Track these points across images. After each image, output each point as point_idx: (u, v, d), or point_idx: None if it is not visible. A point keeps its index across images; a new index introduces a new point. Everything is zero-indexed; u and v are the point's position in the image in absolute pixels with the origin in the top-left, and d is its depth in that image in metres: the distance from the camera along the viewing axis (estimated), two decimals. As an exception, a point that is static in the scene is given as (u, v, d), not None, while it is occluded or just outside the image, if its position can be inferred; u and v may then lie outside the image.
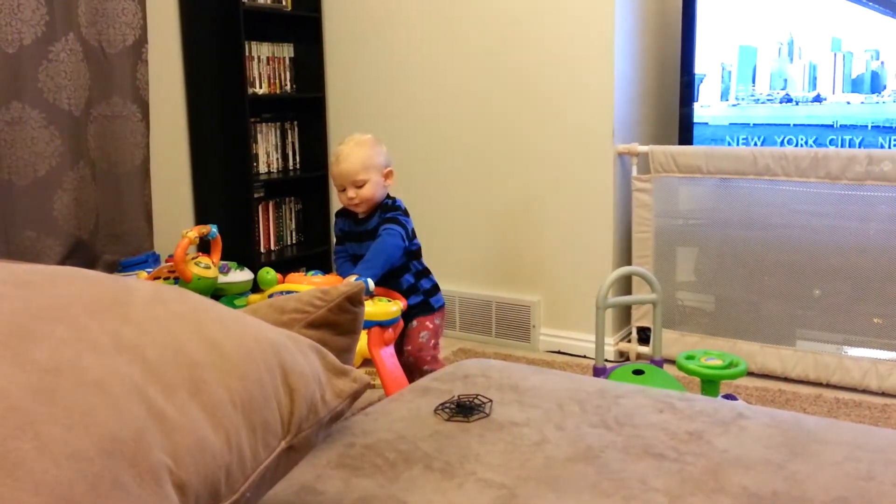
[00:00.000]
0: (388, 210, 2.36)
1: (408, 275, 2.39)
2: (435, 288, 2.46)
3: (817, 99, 2.78)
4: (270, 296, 2.25)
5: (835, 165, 2.69)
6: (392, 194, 2.43)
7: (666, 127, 3.32)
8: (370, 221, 2.37)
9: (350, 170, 2.32)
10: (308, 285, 2.25)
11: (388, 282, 2.35)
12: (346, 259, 2.46)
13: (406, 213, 2.38)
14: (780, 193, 2.81)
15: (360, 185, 2.32)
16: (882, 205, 2.66)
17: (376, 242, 2.29)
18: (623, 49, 3.01)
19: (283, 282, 2.38)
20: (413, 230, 2.40)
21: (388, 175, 2.37)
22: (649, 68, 3.25)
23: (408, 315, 2.40)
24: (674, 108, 3.16)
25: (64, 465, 0.61)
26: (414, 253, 2.41)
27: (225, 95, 3.36)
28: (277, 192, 3.71)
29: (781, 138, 2.87)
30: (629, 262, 3.10)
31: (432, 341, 2.40)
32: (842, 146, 2.80)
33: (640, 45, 3.17)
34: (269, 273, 2.57)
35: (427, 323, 2.40)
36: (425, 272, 2.45)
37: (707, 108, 2.97)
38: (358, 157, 2.32)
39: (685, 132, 3.08)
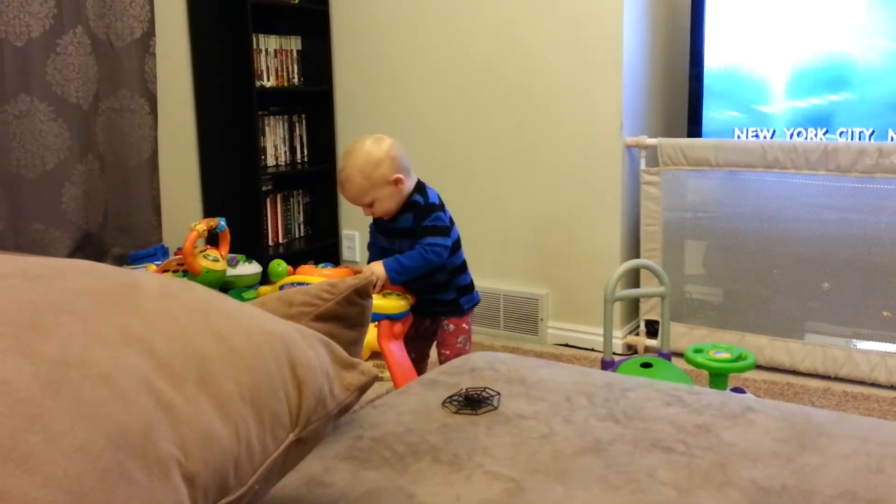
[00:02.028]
0: (423, 212, 2.21)
1: (441, 272, 2.27)
2: (468, 287, 2.34)
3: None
4: (281, 287, 2.26)
5: (844, 158, 2.67)
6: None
7: (674, 119, 3.31)
8: (398, 220, 2.26)
9: (352, 197, 2.23)
10: (319, 277, 2.25)
11: (419, 280, 2.26)
12: (376, 252, 2.37)
13: (442, 207, 2.25)
14: (790, 186, 2.80)
15: (370, 205, 2.23)
16: (892, 198, 2.64)
17: (420, 257, 2.18)
18: (632, 41, 3.00)
19: (294, 274, 2.38)
20: (451, 218, 2.28)
21: (396, 182, 2.18)
22: (658, 60, 3.24)
23: (435, 312, 2.33)
24: (683, 100, 3.15)
25: (73, 457, 0.61)
26: (451, 248, 2.26)
27: (233, 88, 3.36)
28: (285, 185, 3.71)
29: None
30: (637, 256, 3.09)
31: (468, 345, 2.32)
32: None
33: (649, 37, 3.15)
34: (280, 265, 2.58)
35: (463, 325, 2.32)
36: (461, 269, 2.32)
37: None
38: (355, 184, 2.19)
39: (694, 125, 3.06)
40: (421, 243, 2.20)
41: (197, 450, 0.72)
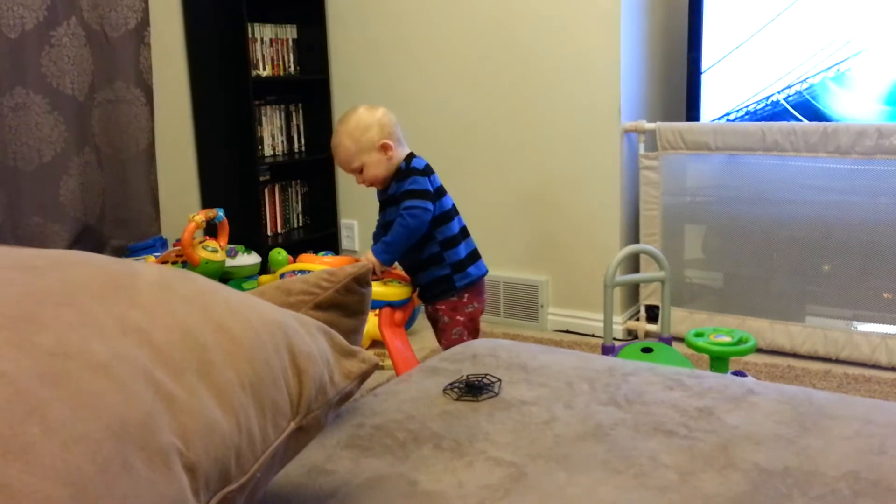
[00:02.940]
0: (402, 176, 2.20)
1: (430, 244, 2.22)
2: (463, 263, 2.25)
3: None
4: (282, 275, 2.26)
5: (844, 140, 2.66)
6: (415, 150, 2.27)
7: (673, 103, 3.29)
8: (388, 190, 2.26)
9: (340, 163, 2.25)
10: (320, 265, 2.25)
11: (410, 255, 2.24)
12: (378, 228, 2.35)
13: (424, 173, 2.21)
14: (789, 169, 2.79)
15: (360, 171, 2.23)
16: (892, 179, 2.64)
17: (398, 225, 2.16)
18: (629, 24, 2.99)
19: (295, 262, 2.38)
20: (440, 188, 2.23)
21: (384, 148, 2.20)
22: (656, 44, 3.22)
23: (430, 294, 2.27)
24: (681, 84, 3.14)
25: (72, 448, 0.61)
26: (438, 218, 2.22)
27: (228, 78, 3.35)
28: (283, 176, 3.70)
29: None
30: (637, 241, 3.08)
31: (465, 335, 2.26)
32: None
33: (647, 21, 3.13)
34: (280, 253, 2.58)
35: (458, 317, 2.26)
36: (453, 242, 2.25)
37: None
38: (344, 148, 2.21)
39: (692, 109, 3.05)
40: (399, 209, 2.18)
41: (197, 439, 0.72)
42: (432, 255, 2.24)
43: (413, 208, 2.16)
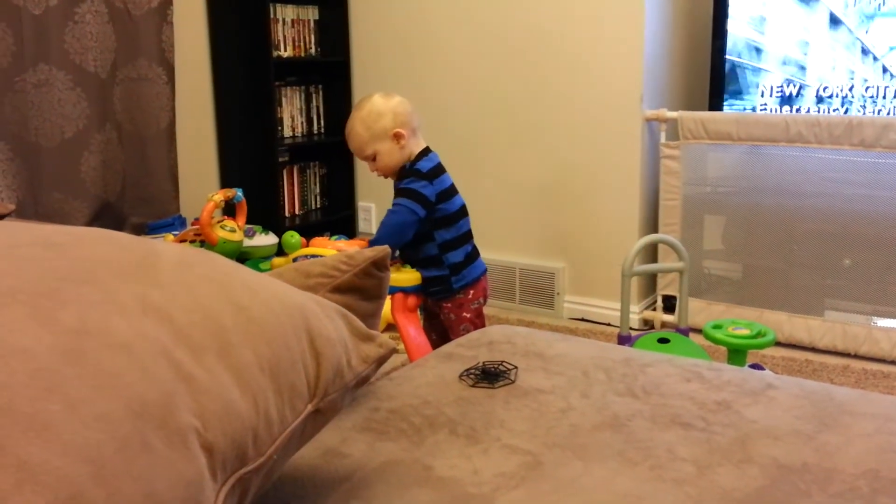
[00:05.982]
0: (405, 175, 2.18)
1: (429, 245, 2.21)
2: (462, 263, 2.22)
3: None
4: (295, 259, 2.26)
5: (869, 133, 2.63)
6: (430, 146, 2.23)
7: (696, 93, 3.26)
8: (401, 183, 2.23)
9: (353, 150, 2.22)
10: (332, 249, 2.25)
11: (407, 252, 2.23)
12: None
13: (427, 176, 2.16)
14: (813, 161, 2.76)
15: (372, 159, 2.20)
16: (917, 173, 2.60)
17: (381, 224, 2.15)
18: (653, 12, 2.95)
19: (308, 246, 2.38)
20: (441, 192, 2.17)
21: (397, 137, 2.15)
22: (680, 32, 3.18)
23: (429, 293, 2.25)
24: (705, 72, 3.10)
25: (92, 426, 0.61)
26: (439, 220, 2.19)
27: (250, 58, 3.34)
28: (302, 157, 3.70)
29: None
30: (656, 230, 3.06)
31: (472, 331, 2.25)
32: None
33: (671, 9, 3.10)
34: (293, 237, 2.57)
35: (464, 314, 2.24)
36: (455, 243, 2.21)
37: None
38: (356, 134, 2.17)
39: (715, 98, 3.02)
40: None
41: (216, 420, 0.72)
42: (430, 256, 2.21)
43: (397, 205, 2.15)
